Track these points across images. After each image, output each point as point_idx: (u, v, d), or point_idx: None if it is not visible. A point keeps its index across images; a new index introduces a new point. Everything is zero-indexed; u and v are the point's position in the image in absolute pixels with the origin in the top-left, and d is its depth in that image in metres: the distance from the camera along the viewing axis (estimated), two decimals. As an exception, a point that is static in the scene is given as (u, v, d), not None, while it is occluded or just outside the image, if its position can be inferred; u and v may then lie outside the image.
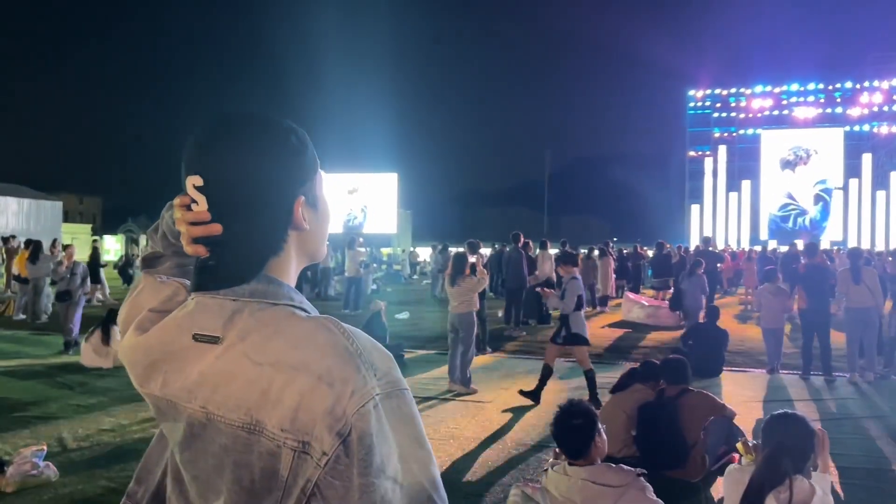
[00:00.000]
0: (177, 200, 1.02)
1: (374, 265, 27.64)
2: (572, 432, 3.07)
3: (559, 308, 7.32)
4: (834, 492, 3.59)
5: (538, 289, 7.53)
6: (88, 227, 49.58)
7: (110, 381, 7.95)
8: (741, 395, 7.49)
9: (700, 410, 5.12)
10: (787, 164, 42.32)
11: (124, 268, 17.37)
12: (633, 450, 4.90)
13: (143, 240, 27.84)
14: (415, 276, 29.04)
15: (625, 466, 3.05)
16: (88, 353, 8.60)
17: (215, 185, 0.99)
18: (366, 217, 43.73)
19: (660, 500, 2.98)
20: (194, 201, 1.01)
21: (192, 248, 1.01)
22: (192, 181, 1.00)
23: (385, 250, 44.93)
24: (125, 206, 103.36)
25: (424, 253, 32.29)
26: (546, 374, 7.22)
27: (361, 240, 17.57)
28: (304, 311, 0.99)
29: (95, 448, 5.54)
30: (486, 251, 19.09)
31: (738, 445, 3.09)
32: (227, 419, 0.93)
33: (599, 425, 3.08)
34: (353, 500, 0.85)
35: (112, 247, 43.68)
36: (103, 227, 61.09)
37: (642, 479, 2.96)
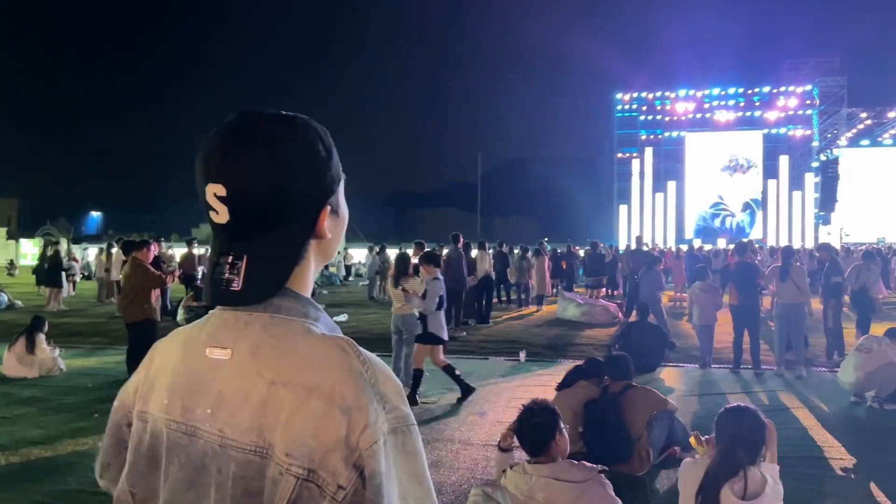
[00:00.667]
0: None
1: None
2: (534, 430, 3.09)
3: (421, 308, 7.22)
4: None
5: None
6: (3, 230, 47.03)
7: (36, 390, 7.57)
8: (676, 390, 7.71)
9: (644, 405, 5.24)
10: (727, 168, 44.01)
11: (47, 271, 16.62)
12: (580, 445, 4.97)
13: (63, 243, 26.54)
14: (350, 278, 28.79)
15: (586, 463, 3.08)
16: (11, 363, 8.15)
17: (238, 195, 0.92)
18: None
19: (618, 498, 3.02)
20: (214, 210, 0.94)
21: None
22: (214, 189, 0.93)
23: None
24: (43, 208, 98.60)
25: (359, 254, 32.01)
26: (416, 376, 7.14)
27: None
28: (320, 327, 0.95)
29: (26, 462, 5.26)
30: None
31: (692, 439, 3.16)
32: (239, 443, 0.87)
33: (561, 424, 3.10)
34: None
35: (29, 251, 41.63)
36: (19, 230, 58.06)
37: (603, 475, 3.00)
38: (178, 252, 20.47)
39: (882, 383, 6.84)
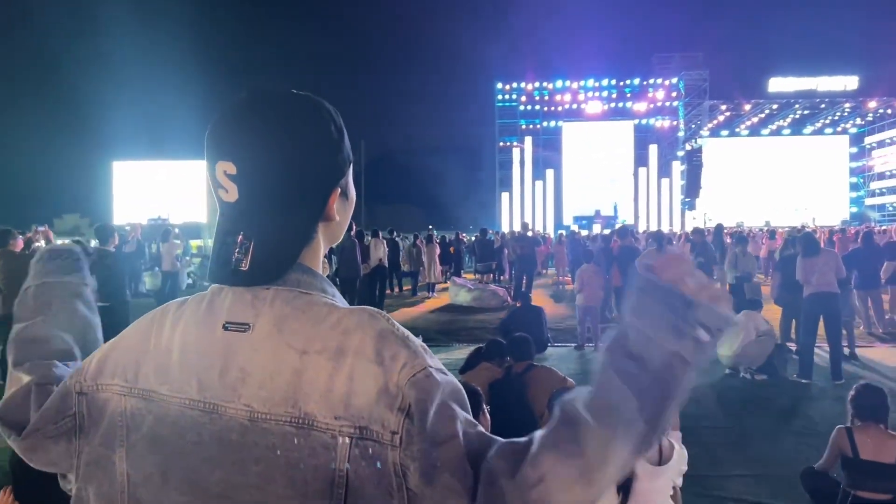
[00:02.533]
0: None
1: (188, 258, 26.14)
2: None
3: None
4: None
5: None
6: None
7: None
8: (565, 370, 8.05)
9: (545, 384, 5.43)
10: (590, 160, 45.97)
11: None
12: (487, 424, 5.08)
13: None
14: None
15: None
16: None
17: (250, 174, 0.91)
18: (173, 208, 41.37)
19: None
20: (223, 188, 0.93)
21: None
22: (224, 167, 0.92)
23: (195, 242, 42.60)
24: None
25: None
26: None
27: (177, 231, 16.60)
28: (339, 302, 0.95)
29: None
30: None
31: None
32: (272, 415, 0.85)
33: (484, 406, 3.17)
34: (434, 459, 0.80)
35: None
36: None
37: None
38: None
39: (753, 356, 7.44)
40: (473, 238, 20.98)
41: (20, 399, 1.04)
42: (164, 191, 41.49)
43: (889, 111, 42.80)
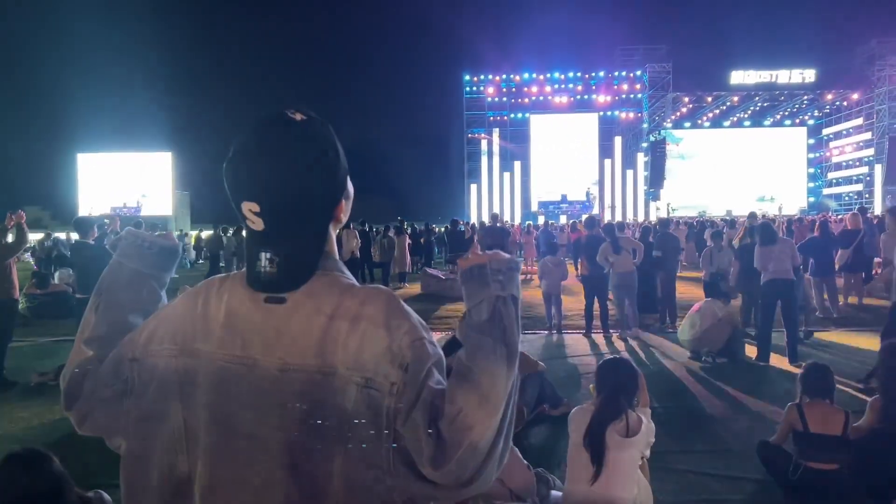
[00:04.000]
0: None
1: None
2: None
3: None
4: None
5: None
6: None
7: None
8: (534, 355, 8.30)
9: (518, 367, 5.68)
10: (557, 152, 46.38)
11: None
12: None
13: None
14: (200, 261, 27.64)
15: None
16: None
17: (271, 210, 1.13)
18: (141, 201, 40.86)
19: (515, 447, 3.37)
20: (251, 220, 1.14)
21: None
22: (249, 206, 1.13)
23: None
24: None
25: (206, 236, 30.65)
26: None
27: (143, 225, 16.51)
28: (356, 282, 1.20)
29: None
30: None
31: (591, 388, 3.55)
32: (304, 366, 1.08)
33: None
34: (414, 406, 1.05)
35: None
36: None
37: None
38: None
39: (713, 340, 7.79)
40: (444, 229, 21.16)
41: (82, 371, 1.24)
42: (129, 183, 40.89)
43: (845, 103, 43.95)
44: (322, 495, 1.06)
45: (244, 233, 1.20)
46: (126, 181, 40.87)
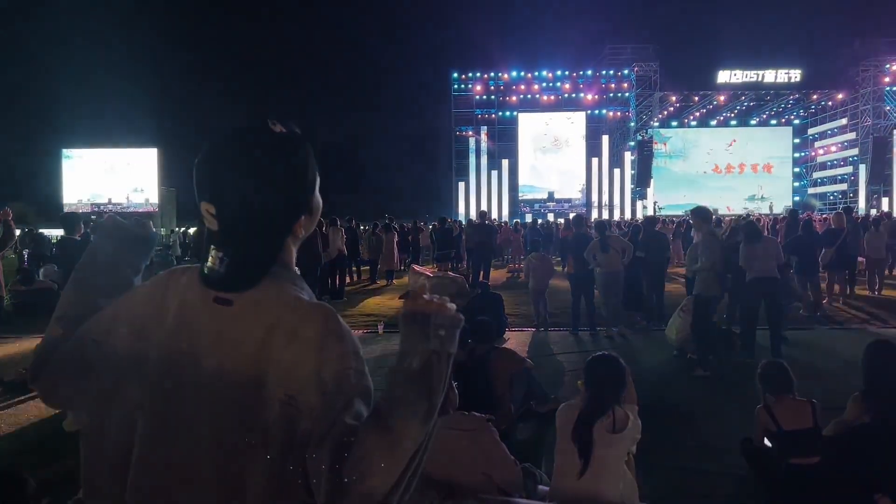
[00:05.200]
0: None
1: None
2: None
3: None
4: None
5: None
6: None
7: None
8: (521, 352, 8.34)
9: (506, 365, 5.69)
10: (545, 150, 46.45)
11: None
12: (452, 405, 5.32)
13: None
14: (187, 258, 27.50)
15: (476, 413, 3.42)
16: None
17: (225, 213, 1.16)
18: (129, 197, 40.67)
19: (502, 442, 3.39)
20: (208, 220, 1.18)
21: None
22: (206, 207, 1.17)
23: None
24: None
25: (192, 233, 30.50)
26: None
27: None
28: (305, 296, 1.21)
29: None
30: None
31: (579, 384, 3.57)
32: (237, 372, 1.12)
33: (452, 381, 3.41)
34: (326, 434, 1.06)
35: None
36: None
37: (490, 423, 3.36)
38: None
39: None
40: (432, 227, 21.17)
41: (51, 348, 1.28)
42: (115, 179, 40.60)
43: (830, 104, 44.30)
44: (240, 497, 1.10)
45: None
46: (111, 177, 40.55)
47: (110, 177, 40.51)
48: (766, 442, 4.17)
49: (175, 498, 1.14)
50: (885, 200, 37.48)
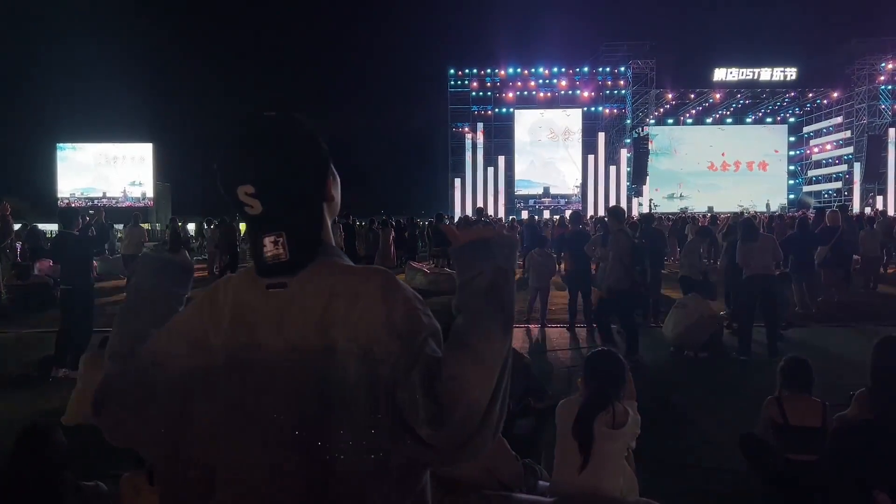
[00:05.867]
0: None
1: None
2: None
3: None
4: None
5: None
6: None
7: None
8: (519, 348, 8.36)
9: (504, 361, 5.72)
10: (541, 147, 46.44)
11: None
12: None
13: None
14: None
15: None
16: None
17: (266, 189, 1.18)
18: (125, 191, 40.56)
19: (504, 439, 3.40)
20: (247, 205, 1.19)
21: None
22: (244, 189, 1.18)
23: (144, 225, 41.57)
24: None
25: (189, 228, 30.43)
26: None
27: (140, 217, 16.63)
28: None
29: None
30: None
31: (578, 382, 3.59)
32: (307, 345, 1.13)
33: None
34: (412, 372, 1.09)
35: None
36: None
37: None
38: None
39: (695, 337, 7.88)
40: (428, 223, 21.18)
41: (108, 386, 1.26)
42: (109, 174, 40.48)
43: (826, 102, 44.40)
44: (333, 468, 1.10)
45: (243, 225, 1.23)
46: (106, 172, 40.41)
47: (105, 171, 40.37)
48: (769, 434, 4.20)
49: (266, 488, 1.12)
50: (879, 199, 37.61)
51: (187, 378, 1.18)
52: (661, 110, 46.88)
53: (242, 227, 21.02)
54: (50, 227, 22.77)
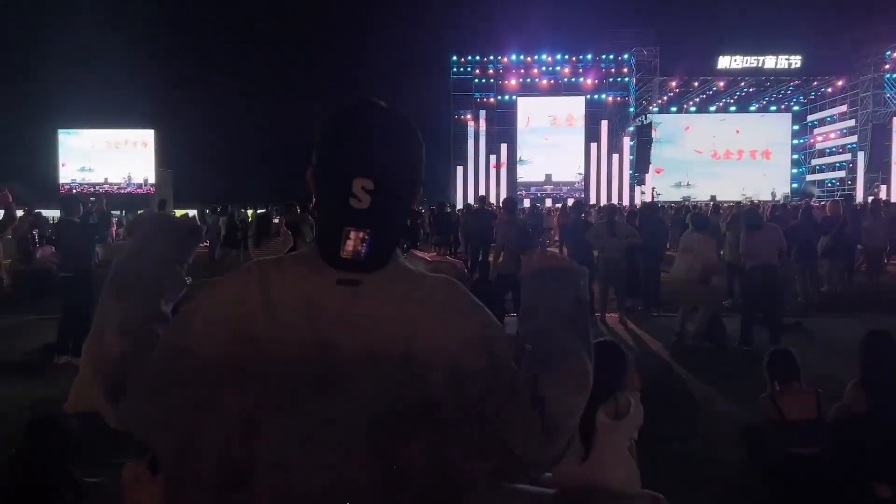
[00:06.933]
0: None
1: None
2: None
3: None
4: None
5: None
6: None
7: None
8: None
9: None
10: (543, 134, 46.29)
11: None
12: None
13: None
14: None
15: None
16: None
17: (385, 187, 1.13)
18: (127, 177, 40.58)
19: None
20: (357, 198, 1.11)
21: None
22: (362, 183, 1.11)
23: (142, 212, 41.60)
24: None
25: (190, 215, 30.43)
26: None
27: (167, 202, 16.61)
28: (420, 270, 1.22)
29: None
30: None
31: None
32: (387, 352, 1.08)
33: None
34: (500, 389, 1.10)
35: None
36: None
37: None
38: None
39: (695, 296, 8.01)
40: (430, 211, 21.14)
41: (123, 365, 1.17)
42: (111, 160, 40.45)
43: (830, 90, 44.18)
44: (404, 477, 1.06)
45: (329, 212, 1.16)
46: (108, 158, 40.38)
47: (107, 157, 40.33)
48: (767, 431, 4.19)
49: (335, 496, 1.06)
50: (883, 188, 37.48)
51: (224, 366, 1.09)
52: (665, 98, 46.70)
53: (249, 213, 20.98)
54: (52, 214, 22.78)
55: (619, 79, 45.63)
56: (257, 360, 1.08)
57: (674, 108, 47.44)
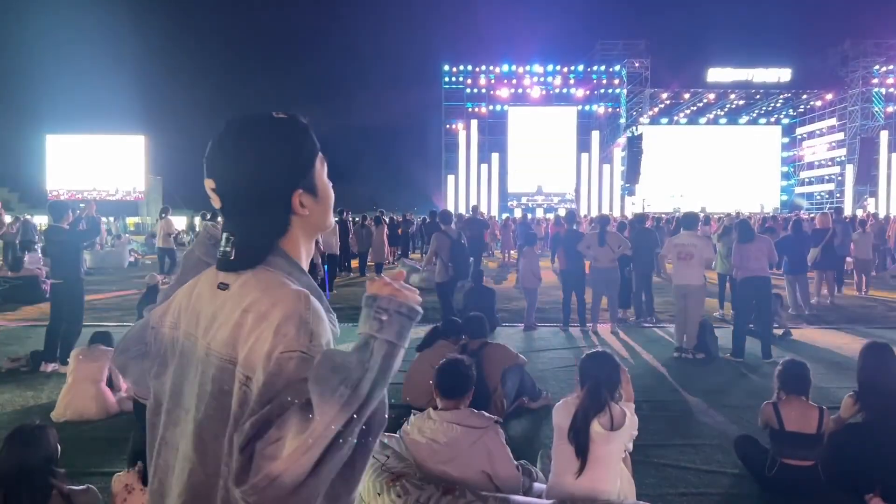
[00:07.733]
0: None
1: (127, 235, 25.60)
2: (456, 377, 3.41)
3: None
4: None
5: None
6: None
7: None
8: (513, 348, 8.30)
9: (499, 360, 5.69)
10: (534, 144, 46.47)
11: None
12: (444, 400, 5.31)
13: None
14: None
15: (485, 413, 3.42)
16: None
17: (224, 187, 1.23)
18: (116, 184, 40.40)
19: (507, 446, 3.38)
20: (212, 197, 1.27)
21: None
22: (209, 183, 1.25)
23: (131, 220, 41.33)
24: None
25: (179, 223, 30.20)
26: None
27: (169, 209, 16.61)
28: (296, 284, 1.22)
29: None
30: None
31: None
32: (218, 353, 1.19)
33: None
34: (254, 420, 1.05)
35: None
36: None
37: (498, 425, 3.36)
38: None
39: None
40: (421, 220, 21.15)
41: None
42: (100, 166, 40.17)
43: (819, 103, 44.58)
44: (216, 474, 1.16)
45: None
46: (97, 164, 40.08)
47: (96, 163, 40.05)
48: (764, 438, 4.20)
49: (178, 475, 1.23)
50: (871, 201, 37.80)
51: (163, 346, 1.35)
52: (656, 110, 46.95)
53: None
54: (40, 220, 22.62)
55: (610, 90, 45.84)
56: (174, 345, 1.33)
57: (664, 120, 47.70)
